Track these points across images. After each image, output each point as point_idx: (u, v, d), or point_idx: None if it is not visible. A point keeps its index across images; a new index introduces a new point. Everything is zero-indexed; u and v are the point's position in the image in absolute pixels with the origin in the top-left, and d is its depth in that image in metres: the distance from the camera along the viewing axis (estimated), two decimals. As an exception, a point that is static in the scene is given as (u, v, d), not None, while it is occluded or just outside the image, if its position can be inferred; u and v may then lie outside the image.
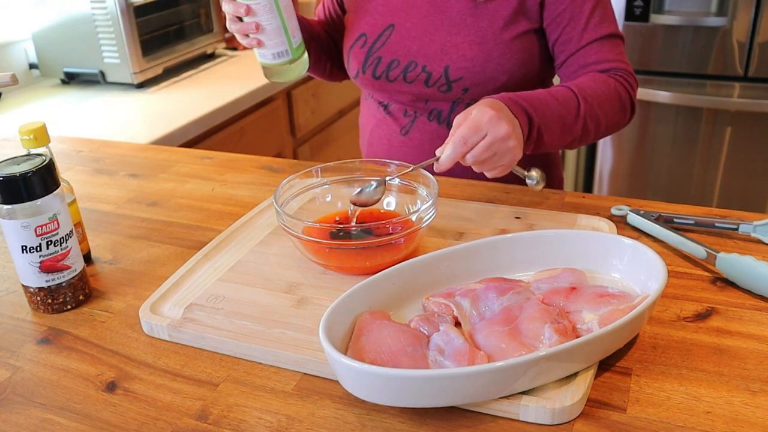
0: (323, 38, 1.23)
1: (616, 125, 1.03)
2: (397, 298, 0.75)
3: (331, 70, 1.25)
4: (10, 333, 0.79)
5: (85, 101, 1.89)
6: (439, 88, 1.07)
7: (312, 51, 1.17)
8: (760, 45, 2.10)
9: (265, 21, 0.97)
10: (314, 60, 1.19)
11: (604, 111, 0.99)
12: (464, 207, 0.99)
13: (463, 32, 1.05)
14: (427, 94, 1.09)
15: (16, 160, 0.77)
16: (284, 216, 0.83)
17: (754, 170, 2.25)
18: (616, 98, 1.00)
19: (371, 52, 1.11)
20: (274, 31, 0.99)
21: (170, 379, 0.70)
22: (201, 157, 1.28)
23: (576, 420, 0.62)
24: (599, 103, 0.98)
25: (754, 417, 0.61)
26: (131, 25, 1.88)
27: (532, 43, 1.05)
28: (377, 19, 1.11)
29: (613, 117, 1.01)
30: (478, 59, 1.04)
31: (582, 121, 0.97)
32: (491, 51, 1.04)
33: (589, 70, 1.03)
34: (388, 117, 1.17)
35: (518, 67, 1.05)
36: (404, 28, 1.09)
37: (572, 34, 1.03)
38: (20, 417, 0.66)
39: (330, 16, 1.24)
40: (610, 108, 1.00)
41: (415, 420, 0.62)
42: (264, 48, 1.00)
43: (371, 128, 1.21)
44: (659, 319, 0.75)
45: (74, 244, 0.81)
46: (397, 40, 1.09)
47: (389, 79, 1.11)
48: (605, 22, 1.03)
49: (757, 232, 0.88)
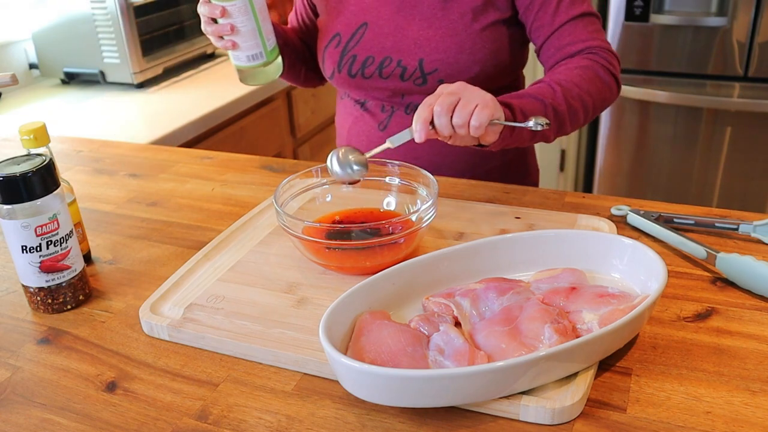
0: (297, 44, 1.23)
1: (603, 101, 1.03)
2: (397, 298, 0.75)
3: (306, 75, 1.26)
4: (10, 333, 0.79)
5: (85, 101, 1.89)
6: (415, 81, 1.09)
7: (286, 57, 1.17)
8: (760, 45, 2.10)
9: (240, 23, 0.98)
10: (288, 66, 1.18)
11: (582, 90, 0.99)
12: (464, 207, 0.99)
13: (434, 25, 1.07)
14: (403, 89, 1.11)
15: (16, 160, 0.77)
16: (284, 216, 0.83)
17: (754, 170, 2.25)
18: (592, 76, 1.00)
19: (346, 51, 1.12)
20: (248, 33, 0.99)
21: (170, 379, 0.70)
22: (201, 157, 1.28)
23: (576, 420, 0.62)
24: (576, 84, 0.98)
25: (754, 417, 0.61)
26: (131, 25, 1.88)
27: (501, 34, 1.07)
28: (350, 18, 1.12)
29: (596, 94, 1.00)
30: (451, 51, 1.06)
31: (562, 101, 0.96)
32: (463, 42, 1.05)
33: (565, 52, 1.04)
34: (366, 114, 1.18)
35: (490, 57, 1.07)
36: (377, 25, 1.10)
37: (545, 19, 1.04)
38: (20, 417, 0.66)
39: (303, 21, 1.24)
40: (591, 86, 1.00)
41: (415, 420, 0.62)
42: (239, 50, 1.01)
43: (349, 126, 1.22)
44: (659, 319, 0.75)
45: (74, 244, 0.81)
46: (371, 37, 1.11)
47: (365, 76, 1.12)
48: (576, 2, 1.04)
49: (757, 232, 0.88)
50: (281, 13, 2.54)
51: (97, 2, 1.87)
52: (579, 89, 0.98)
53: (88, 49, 1.95)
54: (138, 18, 1.90)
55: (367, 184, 0.96)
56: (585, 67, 1.01)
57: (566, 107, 0.97)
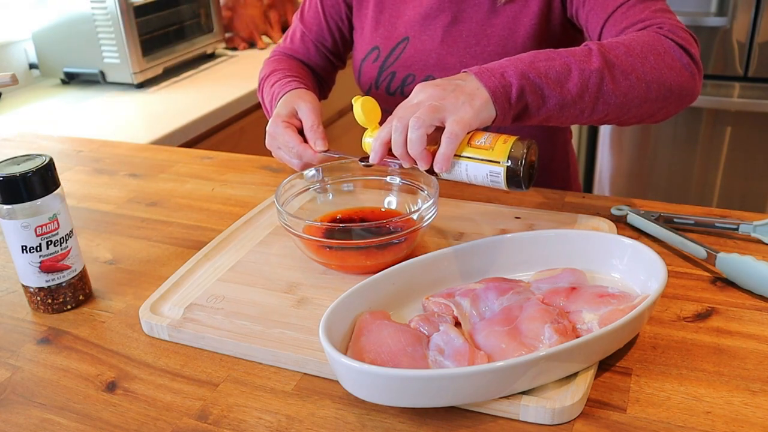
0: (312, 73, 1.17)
1: (672, 80, 0.82)
2: (397, 298, 0.75)
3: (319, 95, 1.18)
4: (10, 333, 0.79)
5: (85, 101, 1.89)
6: None
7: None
8: (760, 45, 2.10)
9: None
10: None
11: (635, 58, 0.80)
12: (464, 207, 0.99)
13: (482, 42, 1.01)
14: None
15: (16, 160, 0.77)
16: (285, 215, 0.83)
17: (754, 170, 2.25)
18: (652, 46, 0.82)
19: (384, 67, 1.07)
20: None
21: (170, 379, 0.70)
22: (201, 157, 1.28)
23: (576, 420, 0.62)
24: (625, 50, 0.80)
25: (754, 417, 0.61)
26: (131, 25, 1.88)
27: (548, 38, 1.00)
28: (390, 31, 1.07)
29: (657, 66, 0.81)
30: None
31: (599, 61, 0.78)
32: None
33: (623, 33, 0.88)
34: None
35: None
36: (420, 41, 1.05)
37: (597, 7, 0.92)
38: (20, 417, 0.66)
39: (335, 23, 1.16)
40: (650, 56, 0.81)
41: (415, 420, 0.62)
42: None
43: None
44: (659, 319, 0.75)
45: (74, 244, 0.81)
46: (412, 53, 1.05)
47: (404, 95, 1.05)
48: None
49: (757, 232, 0.88)
50: (281, 13, 2.54)
51: (97, 2, 1.87)
52: (627, 57, 0.80)
53: (88, 49, 1.95)
54: (138, 18, 1.90)
55: (369, 183, 0.96)
56: (643, 38, 0.82)
57: (604, 75, 0.78)
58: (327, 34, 1.17)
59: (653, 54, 0.82)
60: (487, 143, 0.73)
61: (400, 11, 1.08)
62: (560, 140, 1.19)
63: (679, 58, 0.84)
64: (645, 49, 0.82)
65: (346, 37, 1.18)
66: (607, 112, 0.81)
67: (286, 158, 0.96)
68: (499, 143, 0.73)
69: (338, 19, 1.16)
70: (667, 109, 0.85)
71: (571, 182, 1.24)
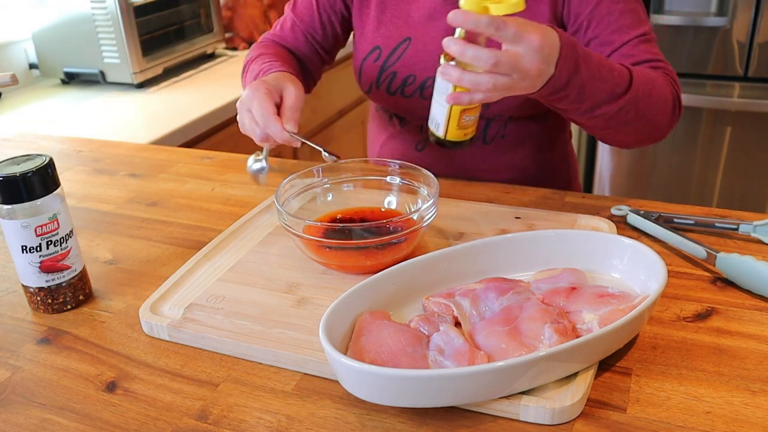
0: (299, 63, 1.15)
1: (658, 124, 0.94)
2: (397, 298, 0.75)
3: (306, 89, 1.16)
4: (10, 333, 0.79)
5: (85, 101, 1.89)
6: None
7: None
8: (760, 45, 2.10)
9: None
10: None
11: (650, 97, 0.89)
12: (464, 207, 0.99)
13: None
14: None
15: (16, 160, 0.77)
16: (285, 215, 0.83)
17: (754, 170, 2.25)
18: (663, 92, 0.92)
19: (385, 67, 1.06)
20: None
21: (170, 379, 0.70)
22: (201, 157, 1.28)
23: (576, 420, 0.62)
24: (648, 86, 0.89)
25: (754, 417, 0.61)
26: (131, 25, 1.88)
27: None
28: (392, 31, 1.06)
29: (658, 110, 0.92)
30: None
31: (630, 97, 0.86)
32: None
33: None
34: (402, 131, 1.12)
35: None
36: (422, 42, 1.04)
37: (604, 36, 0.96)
38: (20, 417, 0.66)
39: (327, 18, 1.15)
40: (657, 97, 0.91)
41: (415, 420, 0.62)
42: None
43: (383, 141, 1.17)
44: (659, 319, 0.75)
45: (74, 244, 0.81)
46: (413, 54, 1.05)
47: (405, 95, 1.06)
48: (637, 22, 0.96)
49: (757, 232, 0.88)
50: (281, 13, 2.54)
51: (97, 2, 1.87)
52: (646, 96, 0.88)
53: (88, 49, 1.94)
54: (138, 18, 1.90)
55: (369, 183, 0.96)
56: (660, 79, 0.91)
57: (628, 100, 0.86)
58: (318, 25, 1.16)
59: (662, 100, 0.92)
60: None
61: (403, 11, 1.08)
62: (560, 140, 1.19)
63: (672, 108, 0.95)
64: (659, 94, 0.91)
65: (337, 32, 1.17)
66: (597, 128, 0.91)
67: (248, 124, 0.94)
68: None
69: (331, 13, 1.15)
70: (641, 143, 0.99)
71: (571, 182, 1.24)
